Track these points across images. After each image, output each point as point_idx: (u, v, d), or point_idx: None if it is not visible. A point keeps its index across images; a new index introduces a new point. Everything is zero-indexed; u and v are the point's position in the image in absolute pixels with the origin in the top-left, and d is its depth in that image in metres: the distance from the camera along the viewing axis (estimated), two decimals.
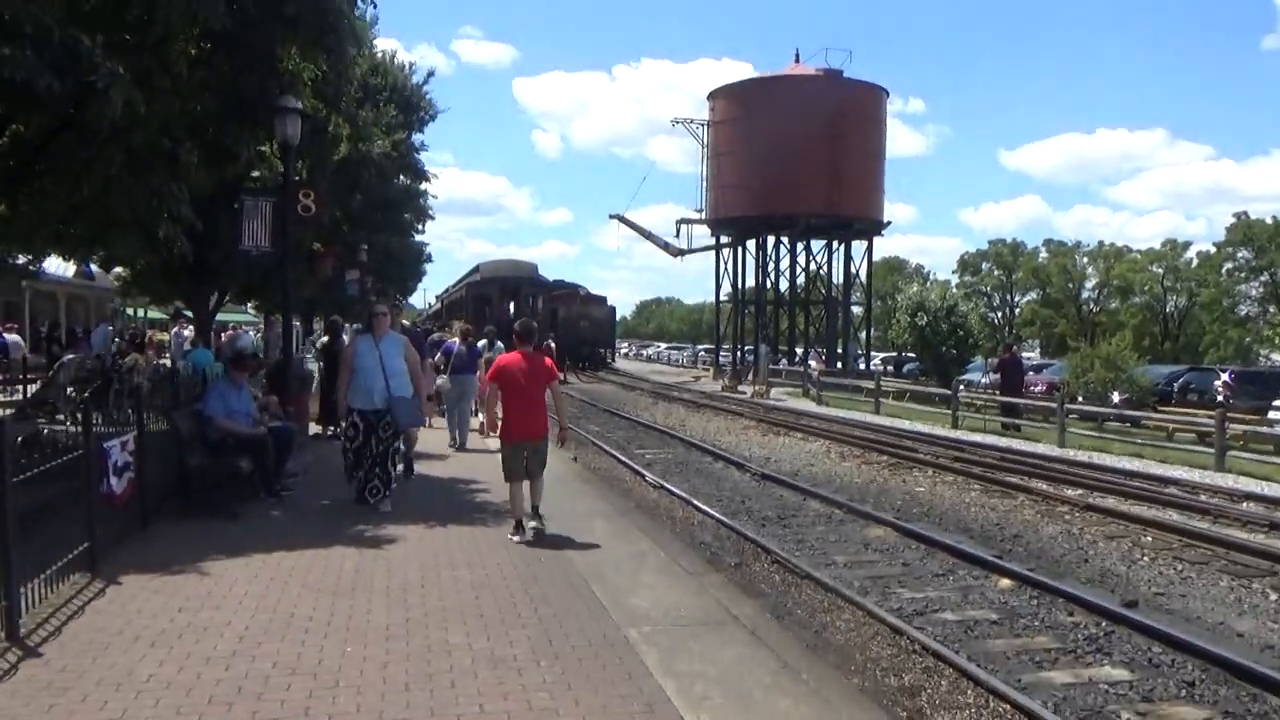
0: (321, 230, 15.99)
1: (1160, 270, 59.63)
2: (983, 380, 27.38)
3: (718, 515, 10.11)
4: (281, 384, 11.69)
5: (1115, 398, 22.61)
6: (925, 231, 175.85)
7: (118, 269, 23.16)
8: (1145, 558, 8.82)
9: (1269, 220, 50.62)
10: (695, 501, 10.90)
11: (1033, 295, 68.35)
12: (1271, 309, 51.51)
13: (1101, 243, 66.74)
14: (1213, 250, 55.64)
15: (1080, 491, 12.52)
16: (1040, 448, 17.95)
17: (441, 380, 14.26)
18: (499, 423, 7.82)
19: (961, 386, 28.85)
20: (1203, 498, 12.16)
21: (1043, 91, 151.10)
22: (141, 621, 5.25)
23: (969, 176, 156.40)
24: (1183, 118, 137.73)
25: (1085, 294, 66.35)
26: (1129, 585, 7.86)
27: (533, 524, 7.59)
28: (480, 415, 13.50)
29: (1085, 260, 65.95)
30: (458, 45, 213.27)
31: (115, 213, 10.79)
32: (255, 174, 14.78)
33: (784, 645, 5.33)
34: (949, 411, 23.96)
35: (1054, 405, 19.47)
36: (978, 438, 19.37)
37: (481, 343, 16.10)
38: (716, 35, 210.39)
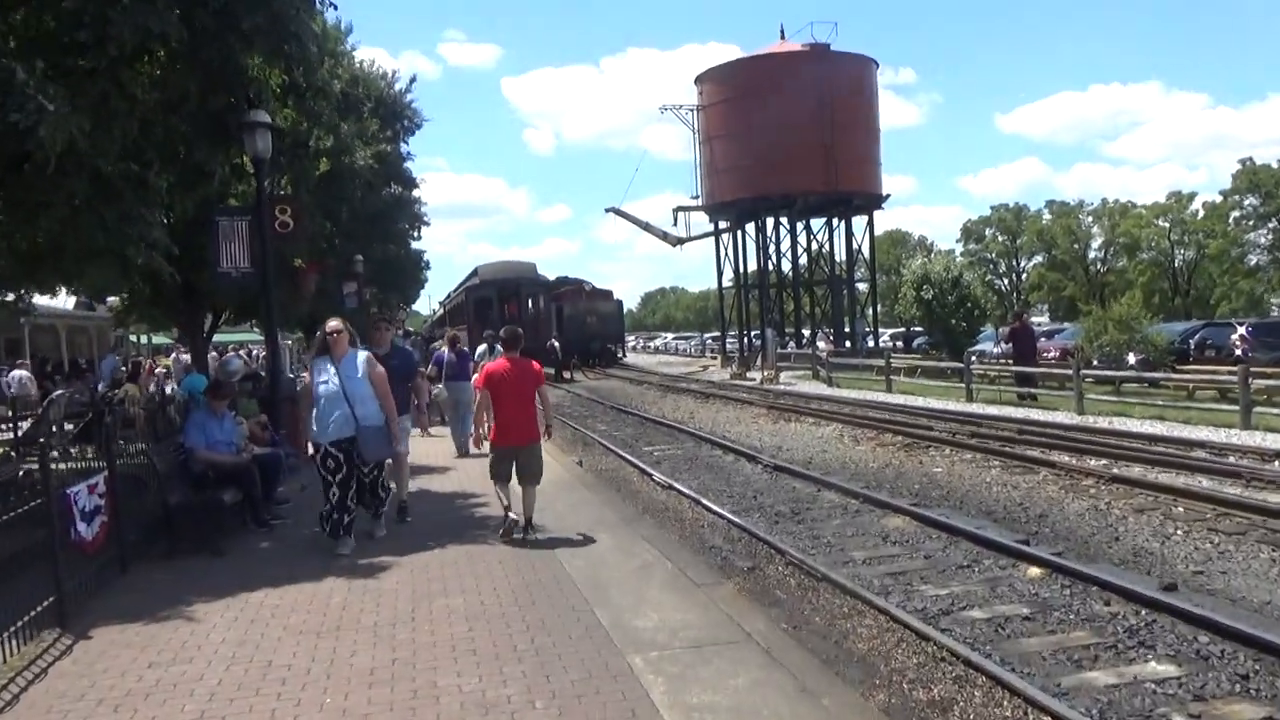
0: (309, 245, 15.61)
1: (1166, 224, 58.84)
2: (994, 350, 26.85)
3: (728, 515, 9.70)
4: (271, 406, 11.36)
5: (1131, 359, 22.11)
6: (926, 202, 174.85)
7: (111, 299, 22.92)
8: (1179, 532, 8.38)
9: (1275, 164, 49.90)
10: (705, 501, 10.50)
11: (1039, 259, 67.63)
12: None
13: (1105, 200, 66.05)
14: (1219, 200, 54.73)
15: (1104, 462, 12.07)
16: (1059, 416, 17.49)
17: (437, 390, 14.04)
18: (489, 431, 7.99)
19: (973, 358, 28.43)
20: (1232, 459, 11.70)
21: (1033, 52, 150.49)
22: (107, 681, 4.88)
23: (965, 143, 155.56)
24: (1176, 68, 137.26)
25: (1092, 254, 65.62)
26: (1165, 565, 7.42)
27: (511, 524, 7.78)
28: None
29: (1090, 219, 65.19)
30: (443, 49, 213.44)
31: (88, 244, 10.46)
32: (235, 191, 14.47)
33: (801, 663, 4.92)
34: (962, 385, 23.52)
35: (1069, 371, 18.98)
36: (993, 410, 18.93)
37: (481, 348, 15.81)
38: (701, 20, 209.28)
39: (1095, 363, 19.64)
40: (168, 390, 19.55)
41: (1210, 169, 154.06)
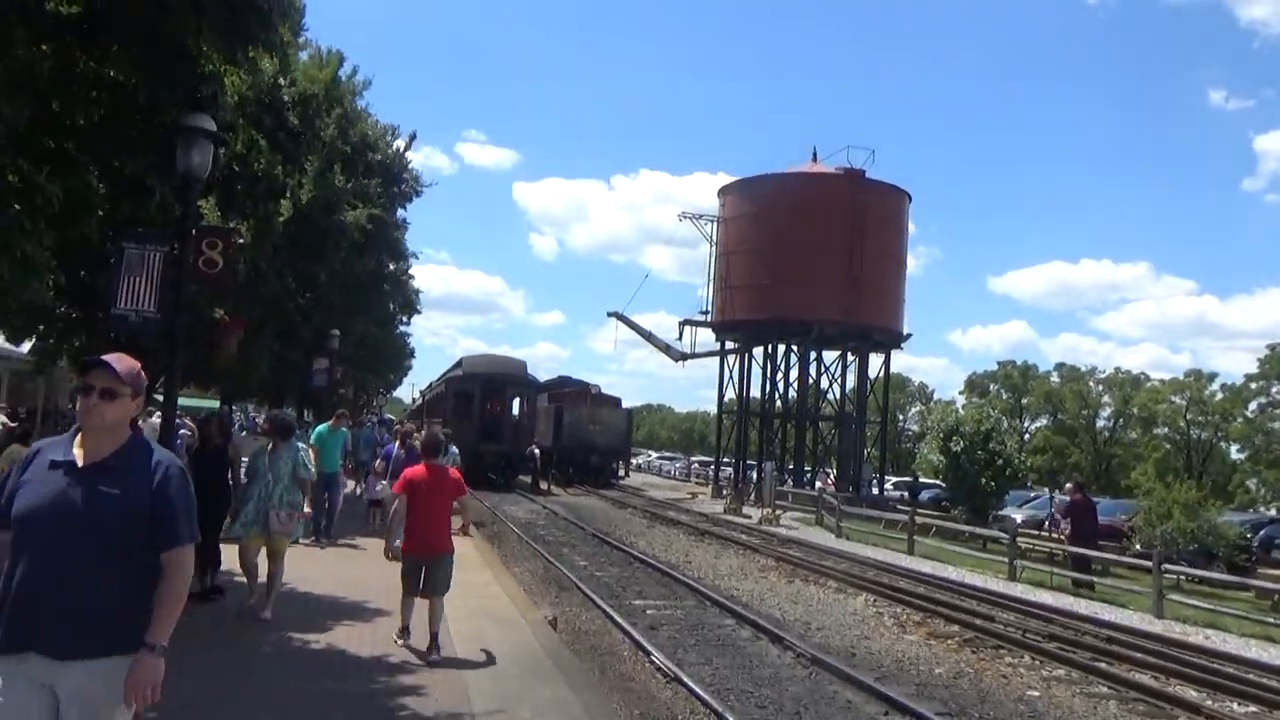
0: (241, 296, 12.83)
1: (1182, 401, 56.71)
2: (1045, 523, 23.51)
3: None
4: None
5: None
6: (914, 352, 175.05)
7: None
8: None
9: None
10: None
11: (1043, 420, 65.27)
12: None
13: (1118, 369, 64.19)
14: (1247, 383, 52.66)
15: (1254, 709, 8.99)
16: (1133, 617, 14.42)
17: (382, 486, 13.53)
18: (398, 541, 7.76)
19: (997, 526, 25.43)
20: None
21: (1028, 221, 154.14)
22: None
23: (957, 299, 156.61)
24: (1166, 253, 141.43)
25: (1100, 422, 63.27)
26: None
27: (428, 659, 7.28)
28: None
29: (1100, 387, 63.10)
30: (462, 148, 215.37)
31: None
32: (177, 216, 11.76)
33: None
34: (993, 556, 20.44)
35: (1145, 564, 15.97)
36: (1047, 598, 15.84)
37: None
38: (713, 151, 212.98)
39: (1158, 549, 16.59)
40: None
41: (1193, 353, 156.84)
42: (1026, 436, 67.87)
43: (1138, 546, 21.35)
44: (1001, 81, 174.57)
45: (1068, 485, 20.81)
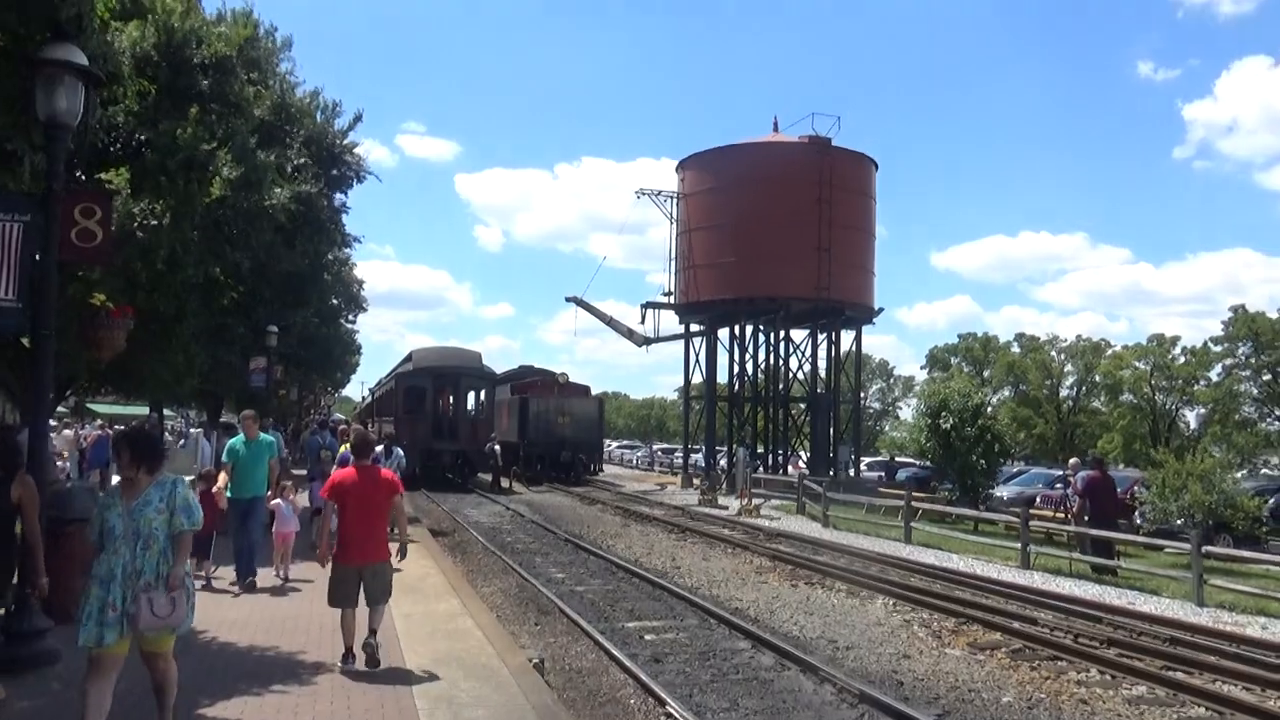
0: (131, 278, 10.88)
1: (1146, 366, 56.23)
2: (1057, 500, 21.97)
3: None
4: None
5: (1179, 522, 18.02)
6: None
7: None
8: None
9: (1275, 314, 47.57)
10: None
11: (1007, 393, 64.56)
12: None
13: (1079, 337, 63.62)
14: (1213, 347, 52.16)
15: None
16: (1176, 607, 13.05)
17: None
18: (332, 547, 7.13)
19: (984, 506, 24.19)
20: None
21: (968, 196, 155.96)
22: None
23: (901, 277, 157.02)
24: (1101, 223, 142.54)
25: (1064, 392, 62.65)
26: None
27: (365, 650, 6.99)
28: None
29: (1063, 356, 62.54)
30: (402, 140, 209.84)
31: None
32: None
33: None
34: (991, 540, 19.08)
35: (1182, 546, 14.58)
36: (1071, 586, 14.44)
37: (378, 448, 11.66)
38: (656, 136, 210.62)
39: (1195, 530, 15.20)
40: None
41: (1130, 320, 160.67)
42: (990, 409, 66.97)
43: (1137, 521, 20.14)
44: (935, 58, 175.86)
45: (1072, 461, 19.33)
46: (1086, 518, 16.07)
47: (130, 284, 14.77)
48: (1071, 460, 19.92)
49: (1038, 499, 24.80)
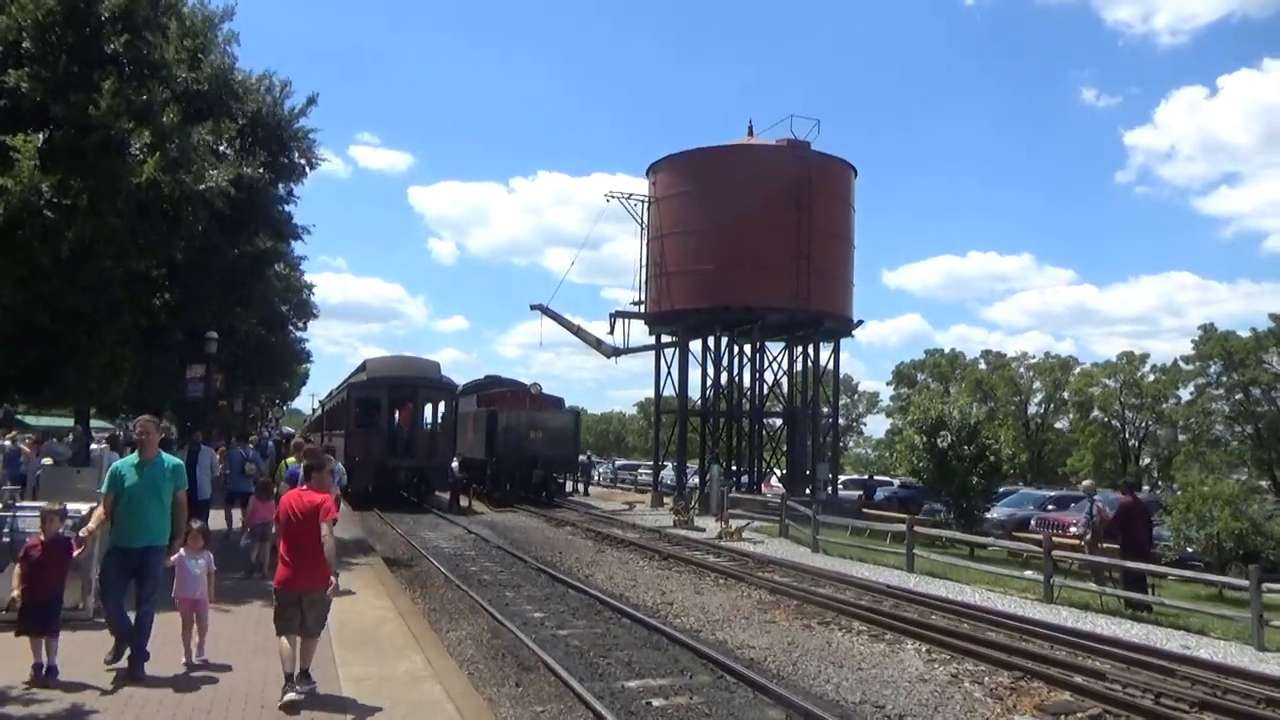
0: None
1: (1115, 384, 55.66)
2: (1079, 528, 20.33)
3: None
4: None
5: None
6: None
7: None
8: None
9: (1248, 333, 47.10)
10: None
11: (973, 409, 63.63)
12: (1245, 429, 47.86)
13: (1047, 354, 63.03)
14: (1184, 365, 51.75)
15: None
16: (1233, 651, 11.58)
17: None
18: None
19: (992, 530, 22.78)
20: None
21: (918, 217, 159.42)
22: None
23: (856, 294, 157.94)
24: (1047, 244, 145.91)
25: (1032, 409, 61.98)
26: None
27: (292, 692, 6.51)
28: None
29: (1031, 373, 61.88)
30: (355, 150, 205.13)
31: None
32: None
33: None
34: (992, 568, 17.55)
35: (1240, 583, 13.10)
36: (1111, 625, 12.95)
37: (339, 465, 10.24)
38: (612, 151, 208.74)
39: (1243, 566, 13.81)
40: None
41: (1075, 340, 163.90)
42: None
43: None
44: (886, 84, 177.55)
45: (1084, 484, 17.90)
46: (1105, 544, 14.56)
47: (34, 272, 12.69)
48: (1084, 483, 18.53)
49: (1032, 521, 23.47)
